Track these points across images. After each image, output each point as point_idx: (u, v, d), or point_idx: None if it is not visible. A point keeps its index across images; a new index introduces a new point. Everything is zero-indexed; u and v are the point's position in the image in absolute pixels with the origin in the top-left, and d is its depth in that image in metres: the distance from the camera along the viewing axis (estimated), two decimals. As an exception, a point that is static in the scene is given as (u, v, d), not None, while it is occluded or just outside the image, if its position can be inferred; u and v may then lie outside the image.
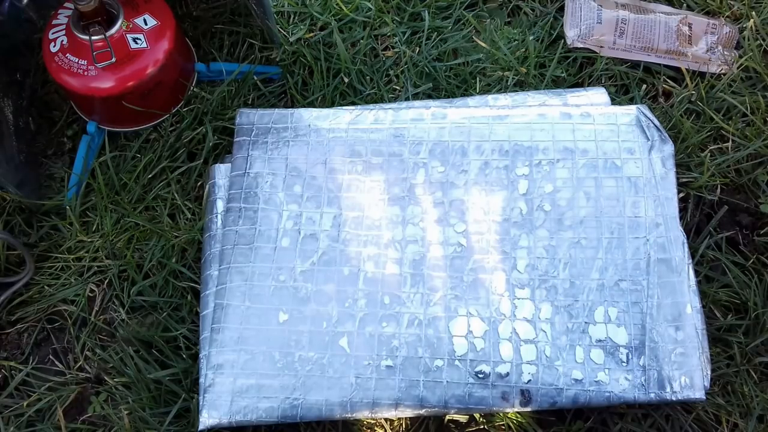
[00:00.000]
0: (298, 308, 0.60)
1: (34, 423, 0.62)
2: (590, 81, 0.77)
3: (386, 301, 0.60)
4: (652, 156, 0.65)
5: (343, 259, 0.62)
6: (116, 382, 0.63)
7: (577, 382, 0.57)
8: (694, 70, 0.77)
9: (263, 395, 0.57)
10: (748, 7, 0.81)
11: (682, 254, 0.61)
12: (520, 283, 0.61)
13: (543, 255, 0.61)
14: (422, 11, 0.81)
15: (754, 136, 0.72)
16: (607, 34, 0.79)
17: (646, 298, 0.60)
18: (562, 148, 0.65)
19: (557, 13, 0.82)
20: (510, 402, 0.57)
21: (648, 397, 0.57)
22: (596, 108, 0.68)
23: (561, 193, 0.64)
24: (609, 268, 0.61)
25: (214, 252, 0.63)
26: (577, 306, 0.60)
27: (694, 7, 0.83)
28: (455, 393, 0.57)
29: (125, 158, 0.73)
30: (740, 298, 0.65)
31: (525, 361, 0.58)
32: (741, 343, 0.63)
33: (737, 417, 0.61)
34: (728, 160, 0.71)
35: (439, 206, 0.64)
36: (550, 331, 0.59)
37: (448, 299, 0.60)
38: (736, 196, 0.71)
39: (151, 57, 0.68)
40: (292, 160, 0.67)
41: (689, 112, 0.75)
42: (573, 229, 0.62)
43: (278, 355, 0.58)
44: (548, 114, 0.67)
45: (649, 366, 0.57)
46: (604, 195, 0.63)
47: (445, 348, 0.58)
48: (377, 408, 0.57)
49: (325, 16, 0.81)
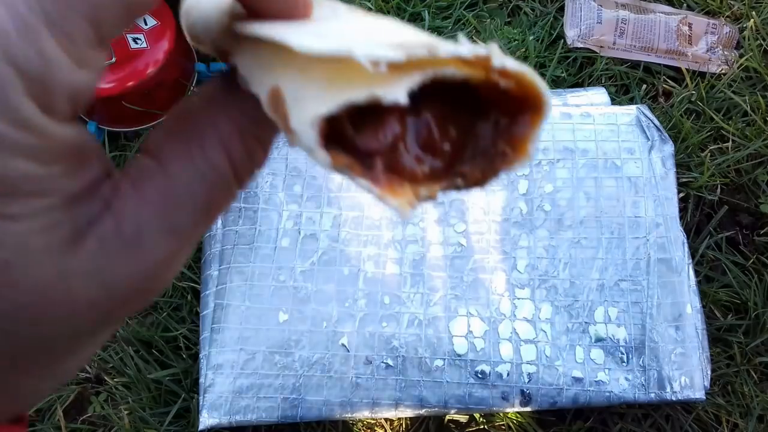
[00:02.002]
0: (298, 308, 0.60)
1: (34, 423, 0.62)
2: (590, 81, 0.77)
3: (386, 301, 0.60)
4: (652, 156, 0.65)
5: (343, 259, 0.62)
6: (116, 382, 0.63)
7: (577, 382, 0.57)
8: (694, 70, 0.77)
9: (263, 395, 0.57)
10: (748, 7, 0.81)
11: (682, 254, 0.61)
12: (520, 283, 0.61)
13: (543, 255, 0.61)
14: (422, 11, 0.81)
15: (754, 136, 0.72)
16: (607, 34, 0.79)
17: (646, 298, 0.60)
18: (562, 148, 0.65)
19: (557, 13, 0.82)
20: (510, 402, 0.57)
21: (648, 397, 0.57)
22: (596, 108, 0.68)
23: (561, 193, 0.64)
24: (609, 268, 0.61)
25: (214, 252, 0.63)
26: (577, 306, 0.60)
27: (694, 7, 0.83)
28: (455, 393, 0.57)
29: (126, 159, 0.73)
30: (740, 298, 0.65)
31: (525, 361, 0.58)
32: (741, 343, 0.63)
33: (737, 417, 0.61)
34: (728, 160, 0.71)
35: (439, 206, 0.64)
36: (550, 331, 0.59)
37: (448, 299, 0.60)
38: (737, 196, 0.71)
39: (151, 57, 0.68)
40: (292, 159, 0.67)
41: (689, 112, 0.75)
42: (573, 229, 0.62)
43: (278, 355, 0.58)
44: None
45: (649, 366, 0.57)
46: (604, 195, 0.63)
47: (445, 348, 0.58)
48: (377, 408, 0.57)
49: (325, 16, 0.81)
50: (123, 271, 0.15)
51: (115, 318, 0.16)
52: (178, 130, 0.17)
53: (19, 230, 0.13)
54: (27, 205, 0.13)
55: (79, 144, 0.14)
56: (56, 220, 0.14)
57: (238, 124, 0.17)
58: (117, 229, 0.15)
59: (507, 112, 0.16)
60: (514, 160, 0.16)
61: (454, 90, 0.15)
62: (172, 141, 0.16)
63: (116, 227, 0.15)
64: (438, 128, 0.16)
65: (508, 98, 0.15)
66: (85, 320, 0.15)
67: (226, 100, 0.17)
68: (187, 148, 0.16)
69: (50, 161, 0.13)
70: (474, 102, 0.16)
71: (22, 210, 0.13)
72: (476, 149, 0.16)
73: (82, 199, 0.14)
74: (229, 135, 0.16)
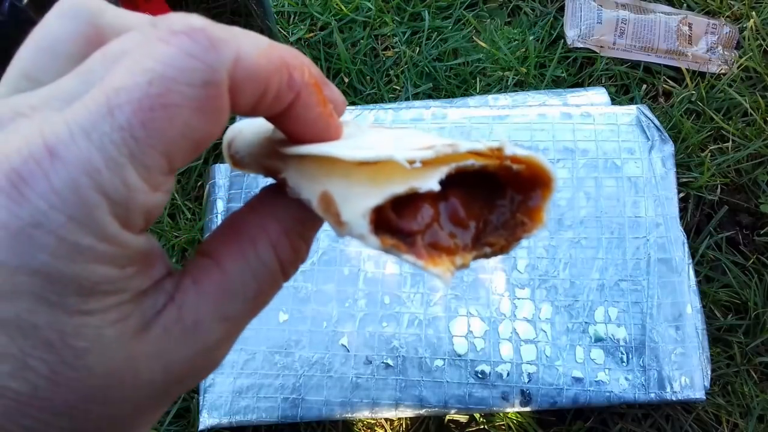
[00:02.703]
0: (298, 308, 0.60)
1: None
2: (590, 81, 0.77)
3: (386, 301, 0.60)
4: (653, 156, 0.65)
5: (343, 259, 0.62)
6: (116, 382, 0.63)
7: (577, 382, 0.57)
8: (694, 70, 0.77)
9: (263, 395, 0.57)
10: (748, 7, 0.81)
11: (682, 254, 0.61)
12: (520, 283, 0.61)
13: (543, 255, 0.61)
14: (422, 11, 0.81)
15: (754, 136, 0.72)
16: (608, 34, 0.79)
17: (647, 298, 0.60)
18: (563, 148, 0.65)
19: (557, 13, 0.82)
20: (510, 402, 0.57)
21: (648, 397, 0.57)
22: (596, 108, 0.68)
23: (561, 193, 0.64)
24: (609, 268, 0.61)
25: (214, 252, 0.63)
26: (577, 306, 0.60)
27: (694, 7, 0.83)
28: (455, 393, 0.57)
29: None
30: (740, 298, 0.65)
31: (525, 361, 0.58)
32: (741, 343, 0.63)
33: (737, 417, 0.61)
34: (728, 160, 0.71)
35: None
36: (550, 331, 0.59)
37: (449, 299, 0.60)
38: (737, 196, 0.71)
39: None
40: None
41: (689, 112, 0.75)
42: (573, 228, 0.62)
43: (278, 355, 0.58)
44: (548, 114, 0.67)
45: (650, 366, 0.57)
46: (604, 195, 0.63)
47: (445, 348, 0.58)
48: (377, 408, 0.57)
49: (325, 16, 0.81)
50: (182, 354, 0.18)
51: (172, 395, 0.18)
52: (231, 233, 0.19)
53: (96, 323, 0.15)
54: (103, 302, 0.16)
55: (148, 250, 0.17)
56: (127, 313, 0.16)
57: (285, 226, 0.20)
58: (179, 318, 0.17)
59: (520, 190, 0.19)
60: (532, 228, 0.19)
61: (474, 178, 0.19)
62: (226, 243, 0.19)
63: (178, 316, 0.17)
64: (464, 208, 0.19)
65: (520, 179, 0.19)
66: (147, 397, 0.17)
67: (273, 207, 0.20)
68: (240, 248, 0.19)
69: (125, 265, 0.16)
70: (492, 186, 0.19)
71: (99, 306, 0.15)
72: (498, 222, 0.20)
73: (148, 294, 0.17)
74: (277, 236, 0.19)
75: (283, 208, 0.20)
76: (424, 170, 0.17)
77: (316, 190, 0.18)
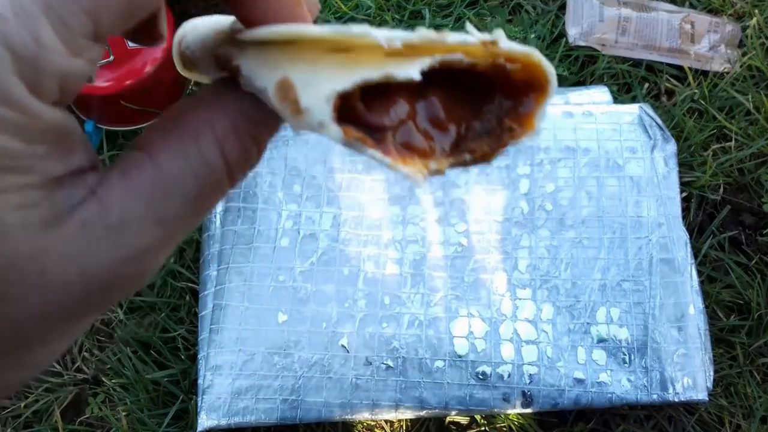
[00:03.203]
0: (298, 309, 0.60)
1: (32, 424, 0.62)
2: (592, 79, 0.77)
3: (386, 302, 0.60)
4: (655, 155, 0.64)
5: (343, 259, 0.61)
6: (114, 383, 0.63)
7: (578, 383, 0.57)
8: (697, 68, 0.76)
9: (262, 396, 0.57)
10: (750, 6, 0.81)
11: (684, 254, 0.61)
12: (521, 283, 0.60)
13: (544, 255, 0.61)
14: (423, 9, 0.81)
15: (757, 135, 0.72)
16: (609, 32, 0.79)
17: (649, 298, 0.59)
18: (564, 147, 0.65)
19: (559, 11, 0.81)
20: (511, 403, 0.56)
21: (650, 398, 0.56)
22: (598, 107, 0.67)
23: (563, 193, 0.63)
24: (611, 268, 0.60)
25: (213, 252, 0.63)
26: (578, 306, 0.59)
27: (696, 5, 0.82)
28: (456, 394, 0.57)
29: (123, 157, 0.73)
30: (743, 298, 0.65)
31: (526, 362, 0.57)
32: (744, 343, 0.63)
33: (740, 418, 0.60)
34: (731, 160, 0.71)
35: (439, 206, 0.63)
36: (551, 331, 0.58)
37: (449, 299, 0.60)
38: (739, 195, 0.71)
39: (149, 55, 0.68)
40: (291, 159, 0.66)
41: (692, 110, 0.74)
42: (575, 228, 0.62)
43: (277, 356, 0.58)
44: (550, 113, 0.67)
45: (652, 367, 0.57)
46: (606, 194, 0.63)
47: (445, 349, 0.58)
48: (377, 409, 0.57)
49: (324, 14, 0.80)
50: (104, 257, 0.15)
51: (94, 305, 0.16)
52: (171, 126, 0.17)
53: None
54: (3, 180, 0.13)
55: (64, 129, 0.14)
56: (35, 200, 0.14)
57: (234, 122, 0.17)
58: (101, 215, 0.15)
59: (511, 96, 0.17)
60: (521, 134, 0.17)
61: (458, 79, 0.17)
62: (165, 135, 0.16)
63: (100, 213, 0.15)
64: (445, 110, 0.17)
65: (511, 84, 0.17)
66: (57, 304, 0.15)
67: (223, 100, 0.17)
68: (180, 142, 0.16)
69: (32, 140, 0.13)
70: (480, 90, 0.17)
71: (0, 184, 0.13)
72: (483, 130, 0.18)
73: (64, 183, 0.14)
74: (225, 131, 0.17)
75: (234, 102, 0.17)
76: (404, 59, 0.15)
77: (274, 77, 0.16)
